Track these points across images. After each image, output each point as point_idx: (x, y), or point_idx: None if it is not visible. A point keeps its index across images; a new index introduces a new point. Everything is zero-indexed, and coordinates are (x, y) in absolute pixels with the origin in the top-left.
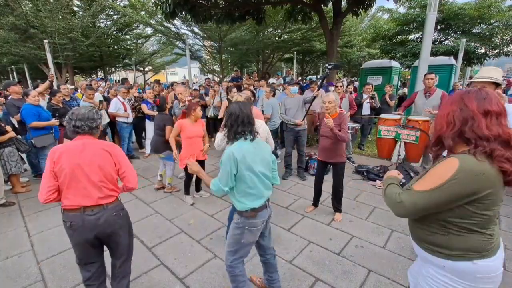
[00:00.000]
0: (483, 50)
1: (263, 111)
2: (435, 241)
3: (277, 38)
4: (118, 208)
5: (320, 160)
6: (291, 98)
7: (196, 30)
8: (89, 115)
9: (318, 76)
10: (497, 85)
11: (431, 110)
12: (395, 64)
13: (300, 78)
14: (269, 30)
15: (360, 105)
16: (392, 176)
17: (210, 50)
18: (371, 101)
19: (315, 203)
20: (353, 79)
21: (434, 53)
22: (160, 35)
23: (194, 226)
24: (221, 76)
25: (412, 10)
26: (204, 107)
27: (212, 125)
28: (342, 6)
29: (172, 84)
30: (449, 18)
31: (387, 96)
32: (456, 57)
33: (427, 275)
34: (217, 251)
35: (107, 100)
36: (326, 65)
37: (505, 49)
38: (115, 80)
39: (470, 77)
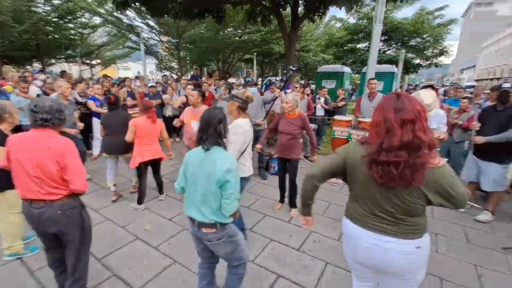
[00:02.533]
0: (418, 61)
1: None
2: None
3: (237, 38)
4: (66, 206)
5: (279, 157)
6: None
7: (151, 23)
8: (57, 107)
9: (278, 78)
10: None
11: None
12: (346, 69)
13: (260, 79)
14: (229, 29)
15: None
16: None
17: (167, 46)
18: (322, 103)
19: (282, 199)
20: (310, 82)
21: (379, 61)
22: (110, 26)
23: (151, 231)
24: (179, 73)
25: (361, 21)
26: (162, 105)
27: (172, 125)
28: (299, 12)
29: (124, 80)
30: (391, 31)
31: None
32: (397, 66)
33: None
34: (176, 256)
35: (46, 94)
36: (290, 66)
37: (435, 61)
38: (57, 73)
39: (409, 84)
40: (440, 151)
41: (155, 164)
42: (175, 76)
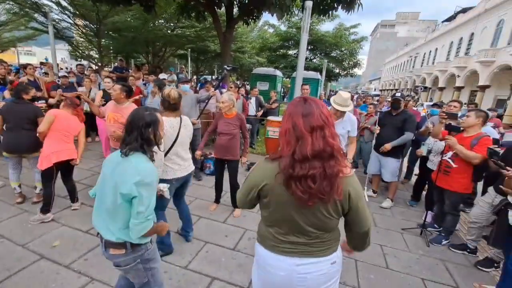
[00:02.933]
0: (337, 70)
1: None
2: None
3: (169, 32)
4: None
5: (217, 157)
6: (184, 96)
7: (64, 3)
8: None
9: (214, 77)
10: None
11: None
12: (278, 73)
13: (195, 76)
14: (160, 21)
15: None
16: None
17: (84, 31)
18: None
19: (217, 200)
20: (245, 83)
21: (306, 68)
22: (10, 2)
23: (61, 248)
24: (100, 64)
25: (291, 29)
26: (77, 99)
27: (89, 123)
28: (234, 13)
29: (25, 66)
30: (316, 42)
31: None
32: (321, 73)
33: None
34: (94, 273)
35: None
36: (225, 66)
37: (350, 71)
38: None
39: (331, 90)
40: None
41: (67, 166)
42: (94, 67)
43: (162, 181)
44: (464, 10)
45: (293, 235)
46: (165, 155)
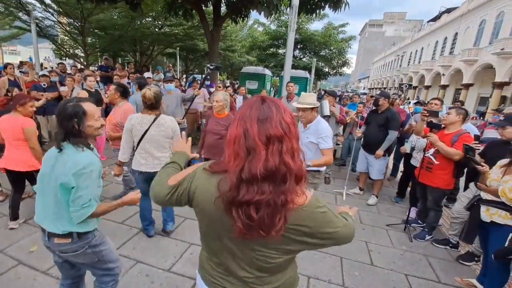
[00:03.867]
0: (326, 69)
1: None
2: None
3: (157, 30)
4: None
5: (206, 158)
6: (168, 95)
7: (47, 1)
8: None
9: (203, 76)
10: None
11: (292, 113)
12: (267, 72)
13: (184, 75)
14: (148, 19)
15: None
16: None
17: (68, 29)
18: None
19: None
20: (235, 82)
21: (295, 67)
22: None
23: (38, 253)
24: (85, 63)
25: (280, 28)
26: (59, 99)
27: None
28: (222, 11)
29: (6, 66)
30: (305, 41)
31: None
32: (310, 72)
33: None
34: None
35: None
36: (208, 65)
37: (340, 70)
38: None
39: (319, 89)
40: (342, 147)
41: (29, 176)
42: (79, 66)
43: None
44: (448, 10)
45: (234, 273)
46: (136, 147)
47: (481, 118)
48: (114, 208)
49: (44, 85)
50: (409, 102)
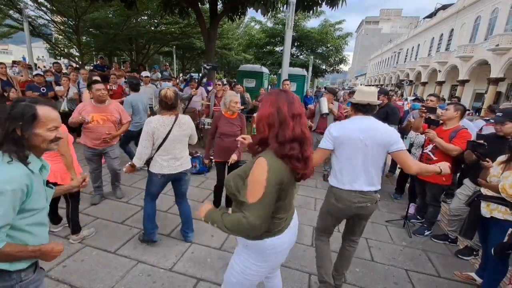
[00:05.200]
0: (323, 66)
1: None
2: None
3: (152, 28)
4: None
5: (220, 161)
6: None
7: None
8: None
9: (200, 74)
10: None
11: None
12: (265, 70)
13: (181, 74)
14: (143, 18)
15: None
16: (209, 212)
17: (62, 28)
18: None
19: (217, 203)
20: (231, 80)
21: (292, 65)
22: None
23: None
24: (80, 62)
25: (277, 26)
26: (54, 98)
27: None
28: (218, 9)
29: None
30: (302, 38)
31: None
32: (307, 70)
33: (237, 252)
34: (73, 280)
35: None
36: (205, 65)
37: (337, 67)
38: None
39: (317, 87)
40: None
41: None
42: (75, 65)
43: (150, 173)
44: (444, 7)
45: (290, 209)
46: (157, 150)
47: (477, 114)
48: (27, 256)
49: (43, 89)
50: (406, 99)
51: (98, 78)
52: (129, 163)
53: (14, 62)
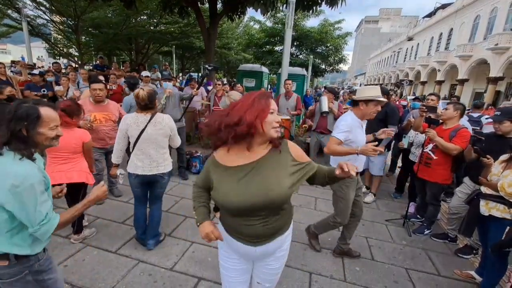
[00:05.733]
0: (323, 66)
1: None
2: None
3: (152, 28)
4: None
5: None
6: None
7: None
8: None
9: (200, 74)
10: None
11: (290, 111)
12: (264, 69)
13: (181, 74)
14: (143, 17)
15: None
16: None
17: (61, 27)
18: None
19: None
20: (231, 80)
21: (292, 64)
22: None
23: None
24: (80, 62)
25: (276, 25)
26: (53, 99)
27: None
28: (218, 9)
29: None
30: (301, 37)
31: None
32: (307, 69)
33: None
34: (75, 280)
35: None
36: (206, 65)
37: (336, 67)
38: None
39: (316, 86)
40: None
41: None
42: (74, 65)
43: (129, 174)
44: (443, 6)
45: None
46: (132, 149)
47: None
48: (80, 212)
49: (44, 91)
50: (406, 98)
51: (101, 77)
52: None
53: (13, 62)
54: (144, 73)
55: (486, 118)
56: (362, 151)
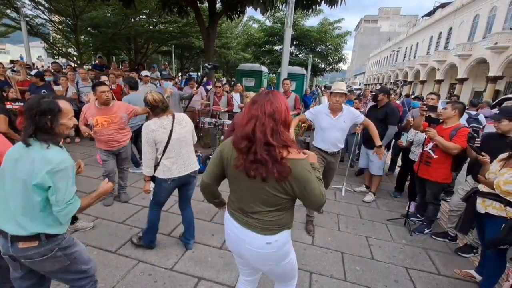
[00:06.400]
0: (323, 65)
1: None
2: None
3: (151, 27)
4: None
5: None
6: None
7: None
8: None
9: (199, 74)
10: (345, 94)
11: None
12: (264, 69)
13: (180, 73)
14: (142, 17)
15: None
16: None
17: (60, 27)
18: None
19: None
20: (231, 79)
21: (291, 63)
22: None
23: None
24: (79, 61)
25: (276, 25)
26: None
27: None
28: (217, 8)
29: None
30: (301, 37)
31: None
32: (306, 69)
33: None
34: None
35: None
36: (206, 64)
37: (336, 66)
38: None
39: (316, 85)
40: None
41: None
42: (73, 65)
43: (153, 179)
44: (442, 5)
45: (243, 205)
46: (162, 154)
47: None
48: (94, 200)
49: (44, 92)
50: (407, 96)
51: (104, 79)
52: (144, 178)
53: (11, 61)
54: (144, 73)
55: (486, 117)
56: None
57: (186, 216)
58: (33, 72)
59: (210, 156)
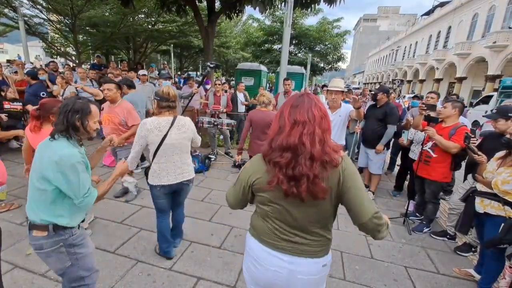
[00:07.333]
0: (322, 64)
1: None
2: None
3: (150, 26)
4: None
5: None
6: None
7: None
8: None
9: (198, 73)
10: (342, 92)
11: None
12: (263, 68)
13: (179, 73)
14: (140, 16)
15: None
16: None
17: (59, 27)
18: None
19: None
20: (229, 78)
21: (291, 63)
22: None
23: (35, 256)
24: (77, 61)
25: (275, 24)
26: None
27: None
28: (216, 7)
29: None
30: (300, 36)
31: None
32: (306, 68)
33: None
34: None
35: None
36: (208, 63)
37: (335, 65)
38: None
39: (315, 84)
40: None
41: None
42: (72, 64)
43: (149, 186)
44: (441, 4)
45: (288, 230)
46: (153, 157)
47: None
48: (111, 185)
49: (43, 94)
50: (404, 96)
51: (109, 78)
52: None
53: (8, 61)
54: (141, 72)
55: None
56: None
57: (175, 218)
58: (25, 71)
59: (209, 156)
